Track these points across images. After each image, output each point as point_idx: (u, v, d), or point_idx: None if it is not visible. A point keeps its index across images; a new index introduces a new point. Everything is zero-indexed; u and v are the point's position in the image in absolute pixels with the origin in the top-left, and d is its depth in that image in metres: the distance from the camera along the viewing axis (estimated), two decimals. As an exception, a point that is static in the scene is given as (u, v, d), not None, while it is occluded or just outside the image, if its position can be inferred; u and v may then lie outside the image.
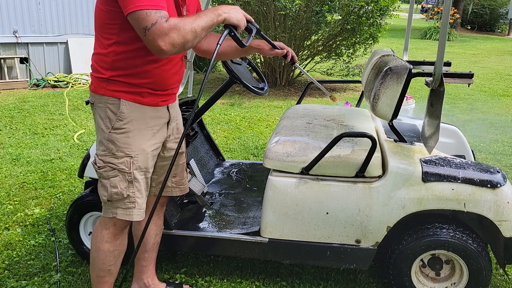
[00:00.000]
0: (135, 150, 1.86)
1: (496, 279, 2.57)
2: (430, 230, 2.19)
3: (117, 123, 1.83)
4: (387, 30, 7.89)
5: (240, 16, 1.81)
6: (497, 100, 7.19)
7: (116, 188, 1.86)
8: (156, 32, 1.59)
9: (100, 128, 1.87)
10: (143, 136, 1.87)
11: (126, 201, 1.89)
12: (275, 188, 2.24)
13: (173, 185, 2.17)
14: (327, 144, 2.18)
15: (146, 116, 1.87)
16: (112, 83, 1.81)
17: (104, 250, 1.96)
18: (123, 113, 1.82)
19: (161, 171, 2.10)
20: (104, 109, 1.84)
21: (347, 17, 7.13)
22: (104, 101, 1.83)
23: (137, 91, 1.83)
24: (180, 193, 2.21)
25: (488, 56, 12.34)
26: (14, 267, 2.64)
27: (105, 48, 1.78)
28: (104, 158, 1.86)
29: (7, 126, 5.39)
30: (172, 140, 2.08)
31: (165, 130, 2.00)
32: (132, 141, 1.85)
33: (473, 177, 2.13)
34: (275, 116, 6.01)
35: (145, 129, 1.88)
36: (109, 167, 1.86)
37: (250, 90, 2.32)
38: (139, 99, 1.84)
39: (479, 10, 19.48)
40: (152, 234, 2.22)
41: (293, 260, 2.33)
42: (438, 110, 2.02)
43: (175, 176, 2.16)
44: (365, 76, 2.79)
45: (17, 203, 3.43)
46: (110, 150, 1.85)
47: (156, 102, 1.90)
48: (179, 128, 2.13)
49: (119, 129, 1.83)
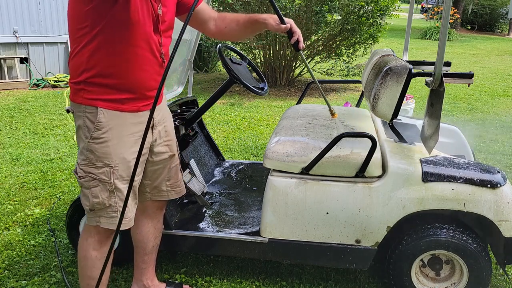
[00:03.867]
0: (115, 159, 1.79)
1: (496, 279, 2.57)
2: (430, 230, 2.19)
3: (95, 132, 1.77)
4: (387, 30, 7.89)
5: None
6: (497, 100, 7.19)
7: (98, 198, 1.82)
8: None
9: (80, 138, 1.81)
10: (124, 144, 1.81)
11: (109, 210, 1.84)
12: (275, 188, 2.24)
13: (168, 188, 2.13)
14: (327, 144, 2.18)
15: (127, 123, 1.81)
16: (89, 90, 1.74)
17: (92, 258, 1.91)
18: (100, 122, 1.76)
19: (154, 175, 2.05)
20: (82, 118, 1.78)
21: (347, 17, 7.13)
22: (82, 110, 1.78)
23: (117, 98, 1.77)
24: (177, 195, 2.17)
25: (488, 56, 12.34)
26: (14, 267, 2.64)
27: (80, 49, 1.72)
28: (85, 168, 1.81)
29: (7, 126, 5.39)
30: (161, 144, 2.01)
31: (150, 135, 1.94)
32: (111, 150, 1.78)
33: (473, 177, 2.13)
34: (275, 116, 6.01)
35: (126, 136, 1.81)
36: (89, 177, 1.81)
37: (250, 90, 2.32)
38: (119, 106, 1.78)
39: (479, 10, 19.48)
40: (151, 237, 2.20)
41: (293, 260, 2.33)
42: (438, 110, 2.02)
43: (169, 179, 2.11)
44: (365, 76, 2.80)
45: (17, 203, 3.43)
46: (90, 160, 1.80)
47: (138, 108, 1.83)
48: (168, 130, 2.06)
49: (97, 139, 1.77)
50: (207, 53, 8.91)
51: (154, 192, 2.10)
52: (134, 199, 1.92)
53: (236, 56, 2.60)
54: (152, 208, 2.16)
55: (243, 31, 2.09)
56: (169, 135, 2.06)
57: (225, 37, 2.19)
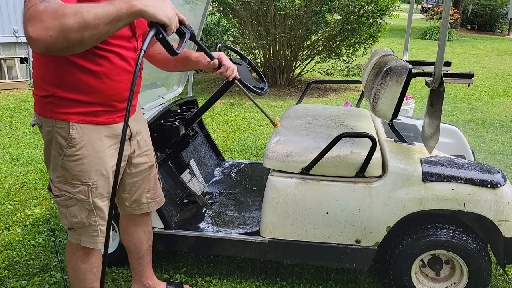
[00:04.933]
0: (93, 176, 1.66)
1: (496, 279, 2.57)
2: (430, 230, 2.19)
3: (69, 149, 1.61)
4: (387, 30, 7.89)
5: (169, 12, 1.41)
6: (497, 100, 7.19)
7: (76, 217, 1.70)
8: (27, 15, 1.28)
9: (51, 154, 1.66)
10: (101, 159, 1.67)
11: (89, 229, 1.73)
12: (275, 188, 2.24)
13: (148, 200, 2.02)
14: (327, 144, 2.18)
15: (102, 137, 1.67)
16: (58, 104, 1.57)
17: (82, 271, 1.82)
18: (73, 138, 1.60)
19: (133, 188, 1.95)
20: (52, 133, 1.61)
21: (347, 17, 7.13)
22: (51, 125, 1.61)
23: (89, 111, 1.61)
24: (157, 206, 2.09)
25: (488, 56, 12.34)
26: (14, 267, 2.64)
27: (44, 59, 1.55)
28: (60, 186, 1.67)
29: (7, 126, 5.39)
30: (140, 155, 1.91)
31: (128, 147, 1.82)
32: (88, 167, 1.64)
33: (473, 177, 2.13)
34: (275, 116, 6.01)
35: (103, 151, 1.67)
36: (65, 196, 1.67)
37: (250, 90, 2.32)
38: (93, 119, 1.63)
39: (479, 10, 19.47)
40: (144, 241, 2.16)
41: (293, 260, 2.33)
42: (438, 110, 2.02)
43: (149, 190, 2.01)
44: (365, 76, 2.80)
45: (17, 203, 3.43)
46: (66, 178, 1.65)
47: (113, 119, 1.69)
48: (146, 140, 1.95)
49: (71, 156, 1.62)
50: (207, 53, 8.90)
51: (134, 206, 2.01)
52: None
53: (236, 56, 2.60)
54: (137, 216, 2.09)
55: (172, 65, 2.01)
56: (147, 145, 1.96)
57: (155, 63, 2.04)
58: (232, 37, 7.95)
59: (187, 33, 1.54)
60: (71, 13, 1.28)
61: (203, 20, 3.14)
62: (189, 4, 3.08)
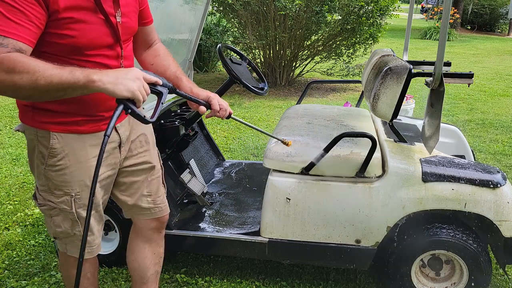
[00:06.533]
0: (76, 187, 1.59)
1: (496, 279, 2.57)
2: (430, 230, 2.19)
3: (50, 159, 1.55)
4: (387, 30, 7.88)
5: (134, 85, 1.32)
6: (497, 100, 7.19)
7: (60, 227, 1.65)
8: None
9: (34, 162, 1.60)
10: (85, 170, 1.58)
11: (74, 239, 1.68)
12: (275, 188, 2.24)
13: (150, 205, 1.86)
14: (327, 144, 2.18)
15: (86, 146, 1.57)
16: (38, 113, 1.51)
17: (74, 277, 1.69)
18: (54, 148, 1.53)
19: (130, 190, 1.81)
20: (35, 142, 1.55)
21: (347, 17, 7.13)
22: (33, 134, 1.55)
23: (70, 121, 1.52)
24: (162, 213, 1.91)
25: (488, 56, 12.34)
26: (14, 267, 2.64)
27: None
28: (44, 195, 1.62)
29: (7, 126, 5.39)
30: (137, 155, 1.79)
31: (117, 154, 1.69)
32: (70, 178, 1.57)
33: (473, 177, 2.13)
34: (275, 116, 6.01)
35: (87, 161, 1.58)
36: (49, 205, 1.62)
37: (250, 90, 2.32)
38: (75, 128, 1.54)
39: (479, 10, 19.47)
40: (150, 264, 1.94)
41: (293, 260, 2.33)
42: (438, 110, 2.02)
43: (150, 195, 1.85)
44: (365, 76, 2.80)
45: (17, 203, 3.43)
46: (49, 187, 1.60)
47: (97, 127, 1.58)
48: (142, 140, 1.81)
49: (53, 166, 1.55)
50: (207, 53, 8.91)
51: (135, 210, 1.87)
52: (100, 223, 1.74)
53: (236, 56, 2.60)
54: (147, 230, 1.91)
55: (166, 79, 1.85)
56: (144, 146, 1.82)
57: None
58: (232, 37, 7.95)
59: (164, 93, 1.45)
60: (27, 73, 1.24)
61: (203, 20, 3.14)
62: (189, 4, 3.08)
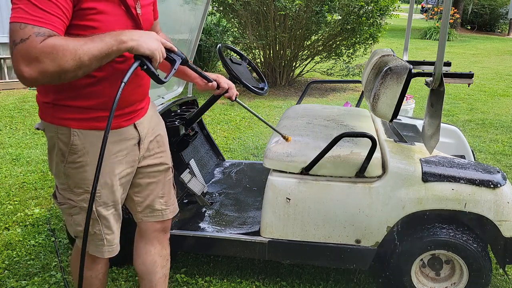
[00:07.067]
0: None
1: (496, 279, 2.57)
2: (430, 230, 2.19)
3: (70, 156, 1.55)
4: (387, 30, 7.89)
5: (154, 44, 1.42)
6: (497, 100, 7.19)
7: (80, 226, 1.64)
8: (22, 52, 1.23)
9: (54, 161, 1.60)
10: (105, 167, 1.59)
11: (94, 239, 1.67)
12: (275, 188, 2.24)
13: (162, 207, 1.87)
14: (327, 144, 2.18)
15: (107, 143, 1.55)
16: (59, 109, 1.52)
17: (87, 277, 1.76)
18: (75, 145, 1.54)
19: (146, 191, 1.81)
20: (54, 139, 1.56)
21: (347, 17, 7.13)
22: (53, 131, 1.55)
23: (90, 117, 1.54)
24: (172, 214, 1.91)
25: (488, 56, 12.34)
26: (14, 267, 2.64)
27: None
28: (64, 193, 1.62)
29: (7, 126, 5.39)
30: (155, 156, 1.80)
31: (136, 152, 1.70)
32: (90, 175, 1.57)
33: (473, 177, 2.13)
34: (275, 116, 6.01)
35: (107, 158, 1.59)
36: (69, 203, 1.62)
37: (250, 90, 2.32)
38: (95, 124, 1.54)
39: (479, 10, 19.47)
40: (158, 267, 1.92)
41: (293, 260, 2.33)
42: (438, 110, 2.02)
43: (163, 196, 1.86)
44: (365, 76, 2.80)
45: (17, 203, 3.43)
46: (69, 185, 1.60)
47: (118, 124, 1.60)
48: (159, 141, 1.83)
49: (73, 163, 1.56)
50: (207, 53, 8.90)
51: (147, 212, 1.85)
52: (118, 221, 1.73)
53: (236, 56, 2.60)
54: (152, 231, 1.90)
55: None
56: (161, 146, 1.84)
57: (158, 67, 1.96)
58: (232, 37, 7.95)
59: (177, 60, 1.56)
60: (70, 55, 1.26)
61: (203, 20, 3.14)
62: (189, 4, 3.08)
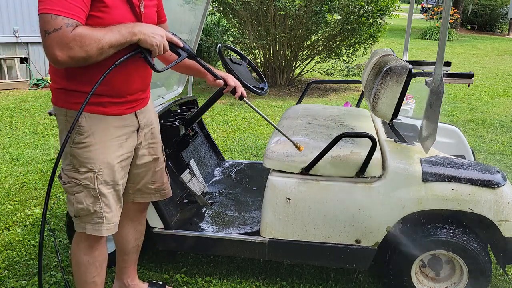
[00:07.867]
0: (99, 164, 1.75)
1: (496, 279, 2.57)
2: (430, 230, 2.19)
3: (77, 137, 1.72)
4: (387, 30, 7.89)
5: (157, 40, 1.63)
6: (497, 100, 7.19)
7: (82, 204, 1.78)
8: (56, 39, 1.48)
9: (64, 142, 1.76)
10: (108, 148, 1.77)
11: (94, 217, 1.80)
12: (275, 188, 2.24)
13: (152, 191, 2.10)
14: (327, 144, 2.18)
15: (110, 127, 1.77)
16: (71, 94, 1.71)
17: (84, 263, 1.90)
18: (82, 126, 1.72)
19: (137, 179, 2.02)
20: (64, 122, 1.75)
21: (347, 17, 7.13)
22: (63, 114, 1.74)
23: (98, 101, 1.72)
24: (160, 198, 2.15)
25: (488, 56, 12.34)
26: (14, 267, 2.64)
27: None
28: (69, 173, 1.77)
29: (7, 126, 5.39)
30: (145, 147, 1.98)
31: (135, 138, 1.90)
32: (94, 155, 1.74)
33: (473, 177, 2.13)
34: (275, 116, 6.01)
35: (109, 140, 1.77)
36: (73, 182, 1.77)
37: (250, 90, 2.32)
38: (101, 109, 1.74)
39: (479, 10, 19.47)
40: (131, 238, 2.18)
41: (293, 260, 2.33)
42: (436, 111, 2.02)
43: (154, 182, 2.07)
44: (365, 76, 2.80)
45: (17, 203, 3.43)
46: (74, 165, 1.76)
47: (121, 111, 1.79)
48: (154, 133, 2.02)
49: (79, 144, 1.73)
50: (207, 53, 8.91)
51: (137, 194, 2.07)
52: (118, 203, 1.88)
53: (236, 56, 2.60)
54: (133, 211, 2.14)
55: (182, 70, 2.16)
56: (154, 138, 2.03)
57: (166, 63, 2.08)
58: (232, 37, 7.95)
59: (182, 55, 1.75)
60: (94, 43, 1.51)
61: (203, 20, 3.14)
62: (189, 4, 3.08)
